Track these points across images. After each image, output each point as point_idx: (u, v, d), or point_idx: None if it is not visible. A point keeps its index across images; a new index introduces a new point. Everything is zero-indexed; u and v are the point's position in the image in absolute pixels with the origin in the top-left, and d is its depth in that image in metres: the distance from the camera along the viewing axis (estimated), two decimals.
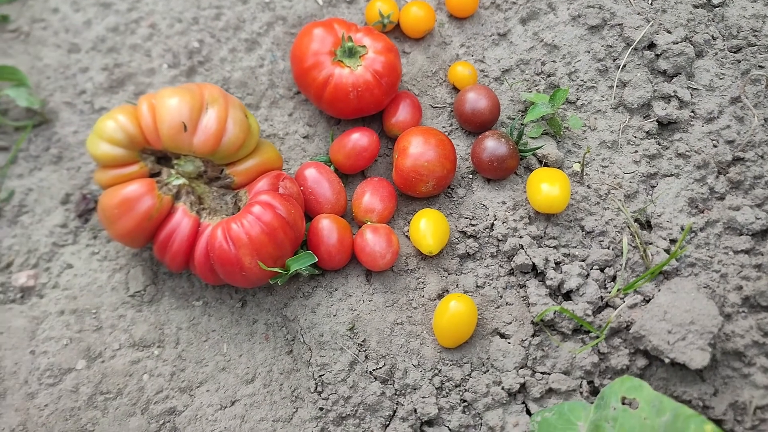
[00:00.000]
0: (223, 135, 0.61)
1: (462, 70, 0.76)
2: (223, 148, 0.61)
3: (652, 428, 0.55)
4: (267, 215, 0.60)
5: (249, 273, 0.60)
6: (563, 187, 0.67)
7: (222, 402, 0.65)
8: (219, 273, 0.61)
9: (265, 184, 0.64)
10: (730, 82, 0.74)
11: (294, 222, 0.62)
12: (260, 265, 0.60)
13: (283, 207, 0.61)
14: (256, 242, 0.59)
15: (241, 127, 0.62)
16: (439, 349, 0.67)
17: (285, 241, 0.61)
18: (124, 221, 0.60)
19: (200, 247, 0.61)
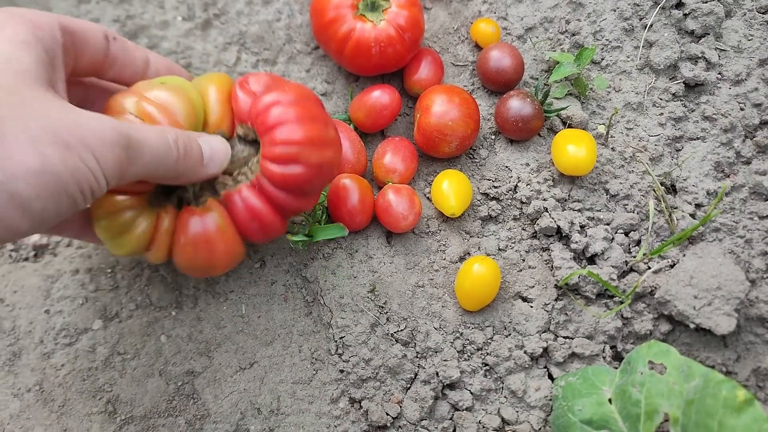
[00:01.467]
0: None
1: (485, 27, 0.74)
2: None
3: (680, 393, 0.54)
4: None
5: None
6: (589, 149, 0.66)
7: (241, 363, 0.64)
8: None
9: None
10: (759, 43, 0.72)
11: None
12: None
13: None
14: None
15: None
16: (460, 312, 0.66)
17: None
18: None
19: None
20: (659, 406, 0.54)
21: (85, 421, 0.61)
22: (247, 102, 0.55)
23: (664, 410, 0.54)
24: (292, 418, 0.62)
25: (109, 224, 0.52)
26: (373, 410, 0.62)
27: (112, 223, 0.52)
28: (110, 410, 0.61)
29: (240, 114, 0.56)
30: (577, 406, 0.58)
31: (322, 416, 0.62)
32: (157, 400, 0.62)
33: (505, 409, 0.63)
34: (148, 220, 0.53)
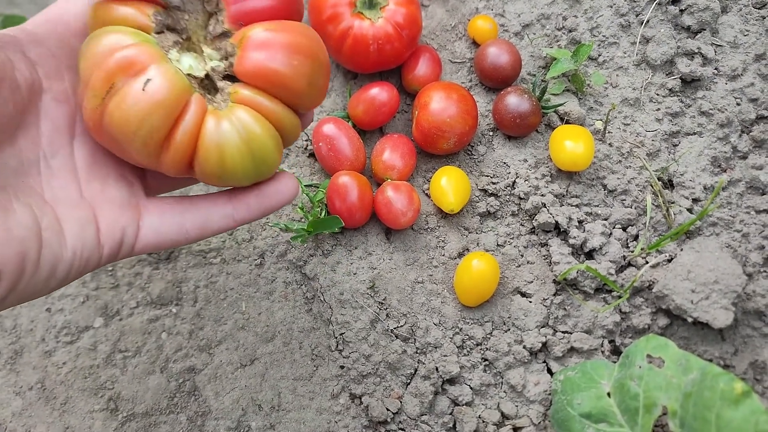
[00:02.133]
0: None
1: (482, 24, 0.74)
2: None
3: (678, 386, 0.55)
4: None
5: None
6: (587, 144, 0.66)
7: (241, 360, 0.64)
8: None
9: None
10: (755, 38, 0.72)
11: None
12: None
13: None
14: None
15: None
16: (460, 308, 0.66)
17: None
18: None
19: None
20: (658, 399, 0.55)
21: (87, 419, 0.61)
22: None
23: (663, 403, 0.55)
24: (293, 414, 0.63)
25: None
26: (374, 406, 0.62)
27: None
28: (112, 407, 0.61)
29: None
30: (576, 400, 0.59)
31: (323, 412, 0.63)
32: (159, 397, 0.62)
33: (505, 403, 0.63)
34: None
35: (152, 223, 0.43)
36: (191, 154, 0.40)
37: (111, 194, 0.42)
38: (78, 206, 0.40)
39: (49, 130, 0.41)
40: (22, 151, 0.39)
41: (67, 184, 0.41)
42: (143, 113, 0.37)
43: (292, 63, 0.41)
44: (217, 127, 0.40)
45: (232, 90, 0.41)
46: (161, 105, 0.38)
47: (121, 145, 0.39)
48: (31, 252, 0.36)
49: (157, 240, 0.44)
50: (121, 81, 0.38)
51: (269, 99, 0.42)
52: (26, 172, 0.39)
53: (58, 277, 0.39)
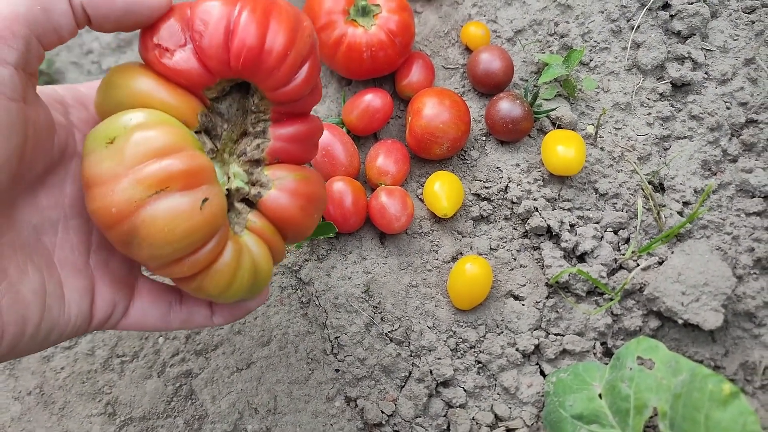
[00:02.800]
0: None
1: (475, 30, 0.75)
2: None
3: (668, 388, 0.55)
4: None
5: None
6: (578, 149, 0.67)
7: (238, 364, 0.65)
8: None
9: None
10: (744, 43, 0.73)
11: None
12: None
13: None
14: None
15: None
16: (453, 311, 0.67)
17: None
18: None
19: None
20: (648, 401, 0.56)
21: (86, 423, 0.62)
22: None
23: (653, 404, 0.55)
24: (288, 417, 0.63)
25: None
26: (369, 408, 0.63)
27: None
28: (110, 412, 0.62)
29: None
30: (569, 402, 0.60)
31: (319, 415, 0.63)
32: (156, 401, 0.63)
33: (498, 405, 0.64)
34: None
35: (142, 305, 0.44)
36: (202, 271, 0.40)
37: (113, 267, 0.43)
38: (81, 274, 0.40)
39: (74, 192, 0.41)
40: (44, 210, 0.39)
41: (77, 248, 0.41)
42: (191, 230, 0.37)
43: (308, 211, 0.45)
44: (235, 254, 0.41)
45: (250, 218, 0.43)
46: (210, 225, 0.38)
47: (140, 244, 0.37)
48: (35, 317, 0.36)
49: (142, 322, 0.45)
50: (175, 188, 0.36)
51: (275, 232, 0.45)
52: (45, 231, 0.39)
53: (50, 340, 0.39)
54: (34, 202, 0.39)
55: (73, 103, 0.42)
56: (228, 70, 0.39)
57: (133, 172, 0.36)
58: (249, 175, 0.44)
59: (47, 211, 0.40)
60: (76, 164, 0.41)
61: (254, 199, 0.44)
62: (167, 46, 0.38)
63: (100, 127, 0.38)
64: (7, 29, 0.34)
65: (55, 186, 0.40)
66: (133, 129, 0.37)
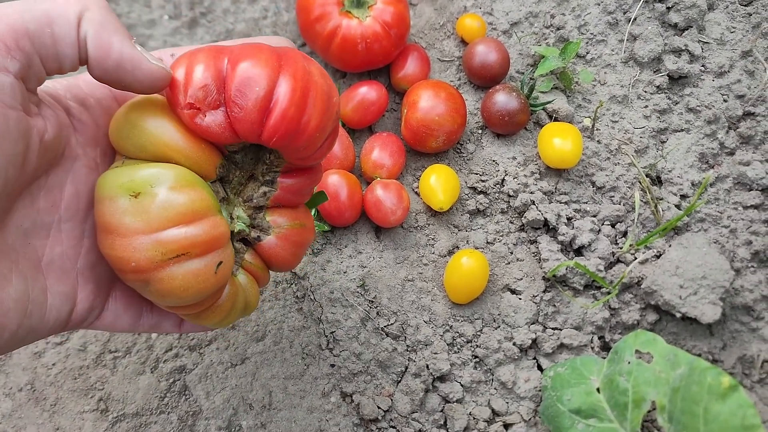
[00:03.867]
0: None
1: (471, 22, 0.74)
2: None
3: (666, 381, 0.55)
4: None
5: None
6: (575, 142, 0.66)
7: (232, 360, 0.64)
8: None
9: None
10: (741, 35, 0.73)
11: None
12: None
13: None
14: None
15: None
16: (450, 306, 0.66)
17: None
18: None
19: None
20: (646, 394, 0.55)
21: (77, 420, 0.61)
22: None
23: (652, 398, 0.55)
24: (284, 413, 0.63)
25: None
26: (365, 404, 0.62)
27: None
28: (102, 408, 0.61)
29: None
30: (566, 396, 0.59)
31: (314, 411, 0.63)
32: (149, 397, 0.62)
33: (495, 400, 0.64)
34: (231, 289, 0.44)
35: (116, 309, 0.44)
36: (203, 311, 0.42)
37: (99, 271, 0.42)
38: (67, 279, 0.40)
39: (71, 194, 0.40)
40: (39, 213, 0.38)
41: (67, 252, 0.40)
42: (205, 290, 0.39)
43: (298, 255, 0.49)
44: (231, 295, 0.43)
45: (246, 258, 0.46)
46: (221, 284, 0.40)
47: (154, 293, 0.39)
48: (12, 325, 0.36)
49: (113, 325, 0.44)
50: (194, 254, 0.38)
51: (265, 268, 0.48)
52: (36, 234, 0.39)
53: (24, 342, 0.38)
54: (30, 206, 0.38)
55: (74, 104, 0.41)
56: (257, 140, 0.40)
57: (156, 233, 0.37)
58: (252, 219, 0.46)
59: (42, 215, 0.39)
60: (78, 167, 0.40)
61: (253, 241, 0.46)
62: (200, 106, 0.38)
63: (122, 172, 0.38)
64: (12, 40, 0.33)
65: (52, 189, 0.39)
66: (159, 189, 0.37)
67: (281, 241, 0.46)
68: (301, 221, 0.48)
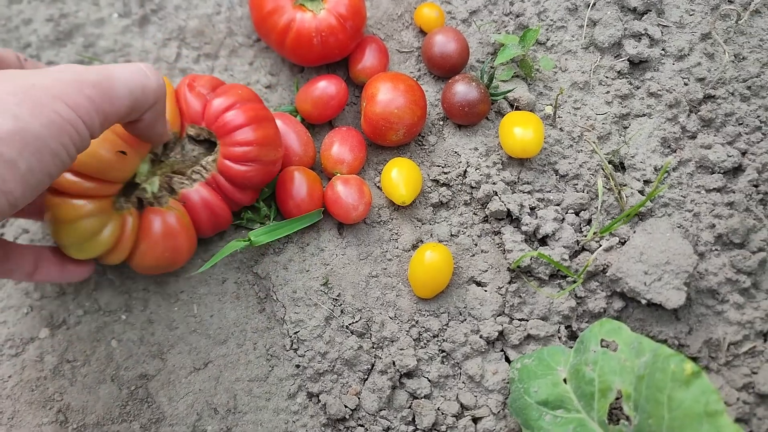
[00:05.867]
0: None
1: (428, 12, 0.73)
2: None
3: (632, 369, 0.55)
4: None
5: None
6: (537, 130, 0.65)
7: (195, 364, 0.63)
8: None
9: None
10: (700, 18, 0.72)
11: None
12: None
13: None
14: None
15: None
16: (415, 300, 0.65)
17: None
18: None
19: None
20: (612, 383, 0.55)
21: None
22: (197, 104, 0.59)
23: (617, 387, 0.55)
24: (249, 416, 0.61)
25: (73, 231, 0.52)
26: (332, 403, 0.61)
27: (77, 229, 0.52)
28: (61, 419, 0.60)
29: (191, 115, 0.60)
30: (533, 388, 0.59)
31: (280, 412, 0.62)
32: (110, 406, 0.61)
33: (464, 394, 0.63)
34: (114, 224, 0.55)
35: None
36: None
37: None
38: None
39: None
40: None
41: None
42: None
43: (164, 243, 0.59)
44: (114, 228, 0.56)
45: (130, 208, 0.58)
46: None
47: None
48: None
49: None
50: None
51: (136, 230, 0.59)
52: None
53: None
54: None
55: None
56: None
57: None
58: (160, 191, 0.60)
59: None
60: None
61: (146, 202, 0.59)
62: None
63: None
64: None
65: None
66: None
67: (159, 221, 0.58)
68: (183, 222, 0.59)
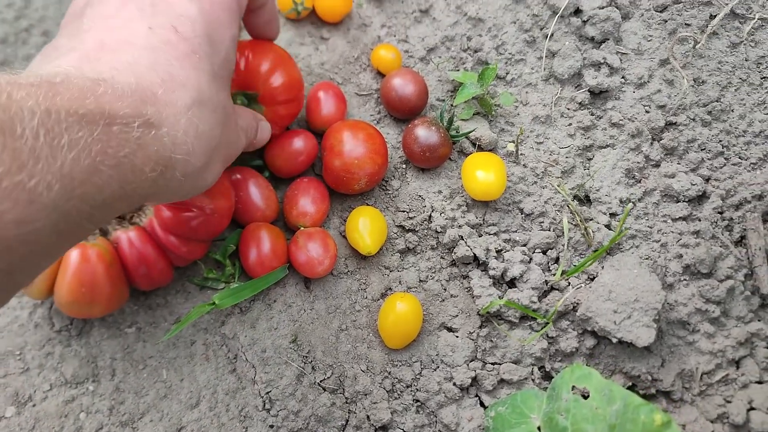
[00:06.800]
0: None
1: (385, 53, 0.72)
2: None
3: (603, 418, 0.55)
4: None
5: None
6: (498, 173, 0.65)
7: (167, 431, 0.62)
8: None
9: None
10: (658, 43, 0.72)
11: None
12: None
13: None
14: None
15: None
16: (386, 351, 0.65)
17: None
18: None
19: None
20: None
21: None
22: None
23: None
24: None
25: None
26: None
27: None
28: None
29: None
30: None
31: None
32: None
33: None
34: None
35: None
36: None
37: None
38: None
39: None
40: None
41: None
42: None
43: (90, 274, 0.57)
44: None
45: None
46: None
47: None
48: None
49: None
50: None
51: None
52: None
53: None
54: None
55: None
56: None
57: None
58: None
59: None
60: None
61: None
62: None
63: None
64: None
65: None
66: None
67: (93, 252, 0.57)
68: (107, 260, 0.57)
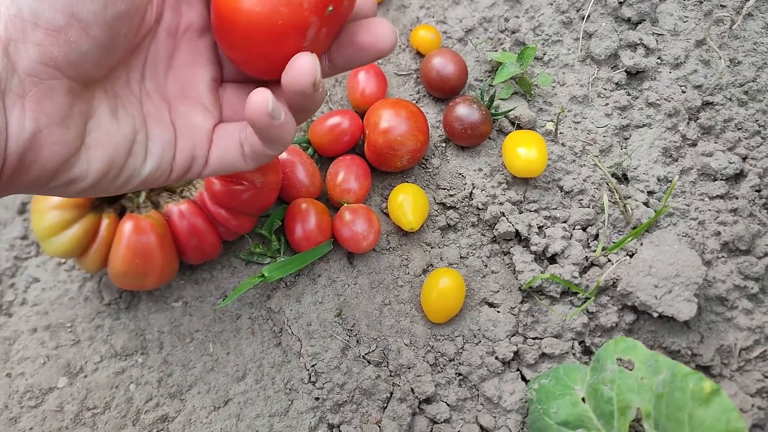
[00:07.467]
0: None
1: (425, 34, 0.73)
2: None
3: (650, 387, 0.55)
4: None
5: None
6: (540, 150, 0.66)
7: (215, 403, 0.63)
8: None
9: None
10: (694, 24, 0.73)
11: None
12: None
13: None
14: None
15: None
16: (429, 326, 0.66)
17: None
18: None
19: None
20: (631, 402, 0.55)
21: None
22: None
23: (636, 405, 0.55)
24: None
25: (42, 221, 0.52)
26: None
27: (46, 220, 0.52)
28: None
29: None
30: (552, 409, 0.59)
31: None
32: None
33: (483, 416, 0.64)
34: (87, 222, 0.54)
35: (219, 153, 0.46)
36: None
37: (194, 122, 0.44)
38: (166, 127, 0.43)
39: (153, 56, 0.43)
40: (130, 68, 0.42)
41: (160, 104, 0.44)
42: None
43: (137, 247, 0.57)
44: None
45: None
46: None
47: None
48: (119, 160, 0.40)
49: (221, 168, 0.46)
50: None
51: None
52: (131, 87, 0.42)
53: (130, 186, 0.43)
54: (125, 61, 0.42)
55: None
56: None
57: None
58: (145, 202, 0.59)
59: (133, 70, 0.42)
60: (161, 32, 0.43)
61: (129, 211, 0.59)
62: None
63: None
64: None
65: (143, 48, 0.43)
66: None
67: (131, 225, 0.56)
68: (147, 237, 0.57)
